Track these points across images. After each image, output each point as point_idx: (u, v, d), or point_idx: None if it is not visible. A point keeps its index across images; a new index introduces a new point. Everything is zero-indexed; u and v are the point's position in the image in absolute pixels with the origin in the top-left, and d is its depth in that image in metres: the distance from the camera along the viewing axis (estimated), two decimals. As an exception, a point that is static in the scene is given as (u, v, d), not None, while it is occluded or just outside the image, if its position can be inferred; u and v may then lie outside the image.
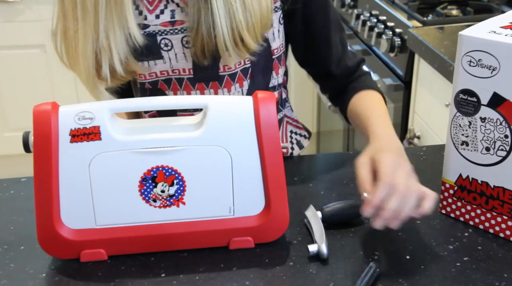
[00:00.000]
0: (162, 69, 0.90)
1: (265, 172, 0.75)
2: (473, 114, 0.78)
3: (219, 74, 0.91)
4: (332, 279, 0.72)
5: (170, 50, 0.88)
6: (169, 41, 0.88)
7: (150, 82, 0.92)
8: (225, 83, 0.92)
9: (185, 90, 0.92)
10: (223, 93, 0.92)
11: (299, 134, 1.11)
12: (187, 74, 0.91)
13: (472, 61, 0.75)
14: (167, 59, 0.89)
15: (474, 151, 0.79)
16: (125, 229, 0.75)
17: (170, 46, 0.88)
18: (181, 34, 0.87)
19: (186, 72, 0.90)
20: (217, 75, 0.91)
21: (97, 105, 0.72)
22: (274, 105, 0.75)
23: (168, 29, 0.87)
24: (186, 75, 0.91)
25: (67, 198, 0.73)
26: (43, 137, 0.71)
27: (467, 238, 0.80)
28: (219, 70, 0.90)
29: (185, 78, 0.91)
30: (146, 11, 0.87)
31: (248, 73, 0.93)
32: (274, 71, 0.97)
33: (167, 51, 0.88)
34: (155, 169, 0.73)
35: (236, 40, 0.84)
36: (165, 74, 0.91)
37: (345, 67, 0.99)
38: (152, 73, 0.91)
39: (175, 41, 0.88)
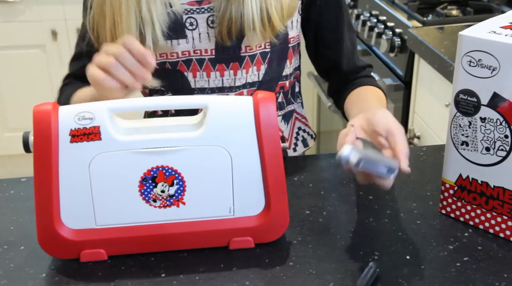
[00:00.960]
0: (184, 50, 0.91)
1: (265, 172, 0.75)
2: (473, 115, 0.78)
3: (240, 55, 0.92)
4: (332, 279, 0.72)
5: (194, 29, 0.89)
6: (195, 20, 0.88)
7: (170, 62, 0.92)
8: (245, 64, 0.93)
9: (205, 71, 0.92)
10: (242, 74, 0.94)
11: (306, 132, 1.11)
12: (209, 55, 0.91)
13: (472, 61, 0.75)
14: (190, 38, 0.90)
15: (474, 151, 0.79)
16: (125, 229, 0.75)
17: (195, 25, 0.89)
18: (207, 13, 0.88)
19: (208, 53, 0.91)
20: (238, 55, 0.92)
21: (97, 105, 0.72)
22: (274, 105, 0.75)
23: (195, 8, 0.88)
24: (208, 56, 0.91)
25: (67, 198, 0.73)
26: (43, 138, 0.71)
27: (467, 238, 0.80)
28: (240, 51, 0.91)
29: (206, 59, 0.91)
30: None
31: (267, 58, 0.94)
32: (288, 60, 0.99)
33: (191, 31, 0.89)
34: (155, 169, 0.73)
35: (264, 20, 0.85)
36: (186, 54, 0.91)
37: (354, 65, 1.01)
38: (174, 53, 0.91)
39: (201, 20, 0.89)
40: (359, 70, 1.02)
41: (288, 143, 1.08)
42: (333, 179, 0.95)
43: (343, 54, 1.00)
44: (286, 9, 0.87)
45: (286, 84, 1.02)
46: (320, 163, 1.05)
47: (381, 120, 0.75)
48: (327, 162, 1.04)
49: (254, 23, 0.85)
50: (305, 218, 0.84)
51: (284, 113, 1.05)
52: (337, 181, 0.94)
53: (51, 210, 0.72)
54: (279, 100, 1.03)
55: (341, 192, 0.91)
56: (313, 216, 0.85)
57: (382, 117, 0.76)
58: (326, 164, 1.04)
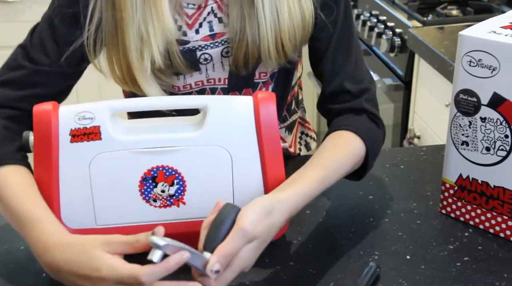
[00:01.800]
0: (197, 80, 0.89)
1: (265, 171, 0.75)
2: (473, 114, 0.78)
3: (254, 81, 0.90)
4: (332, 279, 0.72)
5: (208, 63, 0.87)
6: (209, 55, 0.86)
7: (183, 93, 0.90)
8: (258, 90, 0.91)
9: None
10: None
11: (309, 136, 1.10)
12: (221, 84, 0.89)
13: (472, 61, 0.75)
14: (203, 70, 0.88)
15: (474, 150, 0.79)
16: (125, 229, 0.75)
17: (210, 59, 0.87)
18: (221, 47, 0.86)
19: (221, 82, 0.89)
20: (252, 82, 0.90)
21: (97, 105, 0.72)
22: (274, 105, 0.75)
23: (209, 43, 0.85)
24: (221, 85, 0.89)
25: (67, 198, 0.73)
26: (43, 137, 0.71)
27: (467, 238, 0.80)
28: (254, 77, 0.90)
29: (218, 88, 0.90)
30: (186, 27, 0.85)
31: (274, 77, 0.92)
32: (296, 71, 0.97)
33: (205, 64, 0.87)
34: (155, 169, 0.73)
35: (278, 48, 0.83)
36: (199, 85, 0.89)
37: (340, 85, 0.87)
38: (187, 85, 0.89)
39: (215, 54, 0.86)
40: (347, 95, 0.87)
41: (293, 149, 1.06)
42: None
43: (325, 72, 0.88)
44: (298, 37, 0.84)
45: (290, 99, 1.00)
46: (320, 163, 1.05)
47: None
48: (327, 161, 1.04)
49: (270, 52, 0.83)
50: (305, 218, 0.84)
51: (288, 125, 1.03)
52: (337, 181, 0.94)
53: (52, 209, 0.72)
54: (283, 114, 1.01)
55: (341, 192, 0.91)
56: (313, 216, 0.85)
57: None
58: (326, 164, 1.03)
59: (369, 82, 0.89)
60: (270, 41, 0.82)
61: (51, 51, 0.82)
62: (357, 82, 0.87)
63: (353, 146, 0.80)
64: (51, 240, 0.65)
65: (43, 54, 0.82)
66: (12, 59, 0.83)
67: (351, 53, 0.88)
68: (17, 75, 0.82)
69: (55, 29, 0.82)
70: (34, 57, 0.82)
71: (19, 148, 0.77)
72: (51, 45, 0.82)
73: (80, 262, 0.62)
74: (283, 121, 1.02)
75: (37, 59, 0.82)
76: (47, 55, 0.82)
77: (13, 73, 0.82)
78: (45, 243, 0.65)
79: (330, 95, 0.88)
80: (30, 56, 0.82)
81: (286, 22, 0.81)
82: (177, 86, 0.89)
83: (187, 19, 0.85)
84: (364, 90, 0.87)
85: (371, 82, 0.89)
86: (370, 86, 0.89)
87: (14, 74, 0.82)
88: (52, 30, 0.82)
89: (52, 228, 0.67)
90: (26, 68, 0.81)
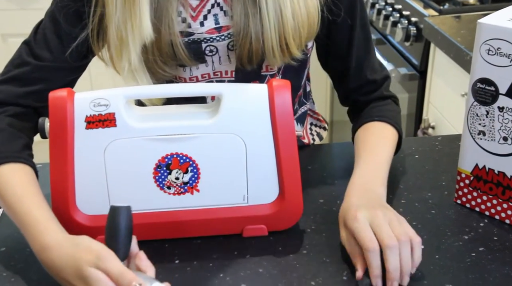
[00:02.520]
0: (203, 73, 0.88)
1: (279, 160, 0.74)
2: (490, 104, 0.77)
3: (261, 74, 0.90)
4: (345, 267, 0.72)
5: (214, 55, 0.86)
6: (215, 47, 0.85)
7: None
8: (266, 82, 0.90)
9: None
10: None
11: (318, 126, 1.10)
12: (228, 76, 0.89)
13: (491, 50, 0.74)
14: (210, 63, 0.87)
15: (491, 140, 0.78)
16: (140, 215, 0.75)
17: (215, 52, 0.86)
18: (227, 40, 0.85)
19: (228, 75, 0.89)
20: (259, 74, 0.89)
21: (112, 92, 0.73)
22: (289, 93, 0.74)
23: (215, 37, 0.84)
24: (228, 78, 0.89)
25: (82, 184, 0.73)
26: (59, 124, 0.72)
27: (483, 228, 0.79)
28: (261, 70, 0.89)
29: (225, 81, 0.89)
30: (190, 19, 0.84)
31: (281, 69, 0.92)
32: (306, 69, 0.97)
33: (211, 56, 0.87)
34: (170, 156, 0.73)
35: (282, 46, 0.82)
36: (206, 77, 0.89)
37: (364, 78, 0.91)
38: (193, 77, 0.88)
39: (221, 47, 0.86)
40: (372, 89, 0.92)
41: (307, 140, 1.06)
42: (347, 168, 0.94)
43: (349, 68, 0.91)
44: (303, 36, 0.83)
45: (300, 91, 1.00)
46: (334, 152, 1.05)
47: (365, 237, 0.69)
48: (341, 151, 1.04)
49: (274, 50, 0.82)
50: (319, 207, 0.84)
51: (298, 117, 1.03)
52: (351, 170, 0.93)
53: (67, 196, 0.73)
54: (295, 107, 1.00)
55: (355, 181, 0.90)
56: (327, 205, 0.85)
57: (364, 233, 0.69)
58: (340, 153, 1.03)
59: (383, 69, 0.95)
60: (274, 40, 0.81)
61: (54, 47, 0.82)
62: (378, 71, 0.93)
63: (393, 136, 0.88)
64: (49, 242, 0.67)
65: (46, 50, 0.82)
66: (17, 56, 0.84)
67: (369, 45, 0.92)
68: (21, 71, 0.82)
69: (58, 25, 0.82)
70: (37, 53, 0.82)
71: (24, 146, 0.78)
72: (55, 41, 0.82)
73: (72, 274, 0.64)
74: (294, 114, 1.01)
75: (41, 55, 0.82)
76: (50, 51, 0.82)
77: (18, 70, 0.82)
78: (44, 243, 0.67)
79: (356, 88, 0.93)
80: (34, 53, 0.82)
81: (290, 21, 0.80)
82: (183, 78, 0.89)
83: (191, 11, 0.84)
84: (385, 78, 0.94)
85: (384, 69, 0.96)
86: (387, 73, 0.96)
87: (19, 71, 0.82)
88: (56, 26, 0.82)
89: (52, 230, 0.68)
90: (30, 64, 0.82)
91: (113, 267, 0.62)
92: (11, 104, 0.81)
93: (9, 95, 0.81)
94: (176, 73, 0.87)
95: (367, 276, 0.69)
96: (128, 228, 0.65)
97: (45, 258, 0.67)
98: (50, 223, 0.69)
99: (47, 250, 0.66)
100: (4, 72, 0.84)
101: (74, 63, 0.83)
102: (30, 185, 0.73)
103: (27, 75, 0.82)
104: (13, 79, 0.82)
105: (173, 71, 0.86)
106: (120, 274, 0.61)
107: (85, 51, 0.83)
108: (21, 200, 0.71)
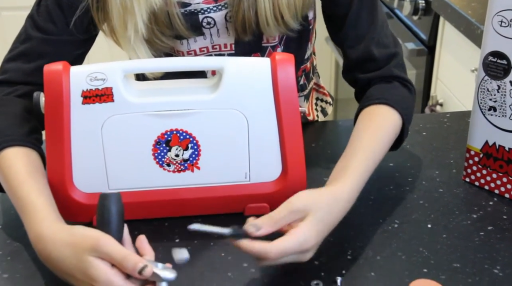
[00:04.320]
0: (201, 46, 0.86)
1: (282, 136, 0.72)
2: (502, 78, 0.74)
3: (262, 45, 0.87)
4: (350, 247, 0.71)
5: (212, 27, 0.84)
6: (212, 19, 0.83)
7: None
8: (267, 54, 0.88)
9: None
10: None
11: (324, 101, 1.08)
12: (228, 49, 0.86)
13: (504, 22, 0.71)
14: (208, 35, 0.85)
15: (502, 116, 0.76)
16: (139, 193, 0.73)
17: (213, 24, 0.84)
18: (224, 10, 0.83)
19: (228, 48, 0.86)
20: (260, 46, 0.87)
21: (109, 66, 0.70)
22: (293, 67, 0.72)
23: (212, 7, 0.82)
24: (228, 51, 0.86)
25: (79, 161, 0.71)
26: (55, 99, 0.69)
27: (492, 207, 0.77)
28: (262, 42, 0.87)
29: (225, 55, 0.87)
30: None
31: (283, 40, 0.89)
32: (310, 43, 0.94)
33: (209, 29, 0.84)
34: (169, 133, 0.71)
35: (277, 17, 0.80)
36: (204, 51, 0.86)
37: (366, 51, 0.84)
38: (191, 51, 0.86)
39: (218, 18, 0.83)
40: (378, 66, 0.84)
41: (312, 116, 1.04)
42: (352, 145, 0.93)
43: (349, 38, 0.84)
44: (299, 6, 0.80)
45: (307, 66, 0.97)
46: (339, 129, 1.03)
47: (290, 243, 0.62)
48: (346, 128, 1.01)
49: (268, 20, 0.80)
50: (322, 185, 0.82)
51: (306, 94, 1.00)
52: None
53: (64, 173, 0.71)
54: (301, 82, 0.97)
55: (360, 159, 0.88)
56: (331, 183, 0.83)
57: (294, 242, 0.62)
58: (345, 130, 1.01)
59: (395, 46, 0.86)
60: (268, 10, 0.79)
61: (58, 19, 0.80)
62: (384, 47, 0.84)
63: (391, 121, 0.78)
64: (45, 232, 0.64)
65: (50, 22, 0.80)
66: (23, 31, 0.82)
67: (374, 15, 0.84)
68: (27, 47, 0.81)
69: None
70: (42, 26, 0.80)
71: (32, 129, 0.75)
72: (57, 12, 0.80)
73: (70, 264, 0.60)
74: (302, 90, 0.99)
75: (46, 28, 0.80)
76: (54, 23, 0.80)
77: (24, 46, 0.81)
78: (39, 233, 0.64)
79: (356, 63, 0.85)
80: (38, 25, 0.80)
81: None
82: (181, 51, 0.86)
83: None
84: (392, 55, 0.84)
85: (397, 46, 0.86)
86: (398, 50, 0.85)
87: (25, 46, 0.81)
88: None
89: (48, 219, 0.65)
90: (35, 38, 0.80)
91: (115, 251, 0.59)
92: (19, 83, 0.80)
93: (18, 74, 0.80)
94: (174, 46, 0.85)
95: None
96: (119, 214, 0.62)
97: (41, 250, 0.64)
98: (47, 212, 0.66)
99: (42, 240, 0.63)
100: (11, 49, 0.82)
101: (79, 36, 0.81)
102: (35, 170, 0.71)
103: (34, 49, 0.80)
104: (20, 55, 0.81)
105: (170, 43, 0.84)
106: (124, 257, 0.59)
107: (87, 23, 0.81)
108: (22, 186, 0.68)
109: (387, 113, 0.79)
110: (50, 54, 0.80)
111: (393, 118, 0.78)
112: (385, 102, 0.79)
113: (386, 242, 0.71)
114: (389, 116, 0.78)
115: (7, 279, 0.67)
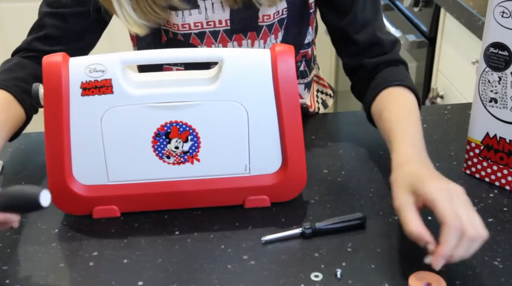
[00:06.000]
0: (196, 21, 0.86)
1: (282, 128, 0.72)
2: (503, 69, 0.73)
3: (258, 24, 0.87)
4: (350, 239, 0.70)
5: (207, 0, 0.85)
6: None
7: (183, 34, 0.88)
8: (262, 34, 0.88)
9: (221, 43, 0.88)
10: (259, 44, 0.89)
11: (325, 93, 1.07)
12: (223, 25, 0.87)
13: (505, 12, 0.71)
14: (203, 8, 0.85)
15: (503, 108, 0.75)
16: (138, 185, 0.73)
17: None
18: None
19: (223, 24, 0.87)
20: (256, 25, 0.87)
21: (108, 57, 0.70)
22: (293, 59, 0.71)
23: None
24: (223, 27, 0.87)
25: (79, 153, 0.71)
26: (54, 90, 0.69)
27: (492, 199, 0.77)
28: (258, 20, 0.87)
29: (221, 31, 0.87)
30: None
31: (283, 24, 0.89)
32: (310, 27, 0.93)
33: (203, 1, 0.85)
34: (169, 124, 0.71)
35: None
36: (199, 26, 0.87)
37: (373, 36, 0.86)
38: (186, 25, 0.87)
39: None
40: (383, 51, 0.87)
41: (313, 108, 1.03)
42: (352, 137, 0.92)
43: (356, 22, 0.86)
44: None
45: (308, 52, 0.96)
46: (339, 122, 1.02)
47: (448, 210, 0.61)
48: (346, 120, 1.01)
49: None
50: (323, 177, 0.82)
51: (307, 82, 1.00)
52: (356, 140, 0.91)
53: (63, 165, 0.71)
54: (301, 69, 0.97)
55: (360, 151, 0.88)
56: (331, 175, 0.83)
57: (446, 205, 0.62)
58: (345, 123, 1.00)
59: (392, 34, 0.91)
60: None
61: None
62: (386, 33, 0.89)
63: (413, 103, 0.82)
64: None
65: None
66: (38, 12, 0.89)
67: (377, 5, 0.88)
68: (38, 22, 0.89)
69: None
70: (51, 2, 0.87)
71: (16, 77, 0.82)
72: None
73: None
74: (303, 77, 0.98)
75: (54, 3, 0.87)
76: None
77: (37, 22, 0.89)
78: None
79: (364, 48, 0.88)
80: (48, 2, 0.88)
81: None
82: (176, 25, 0.87)
83: None
84: (395, 41, 0.89)
85: (392, 34, 0.92)
86: (398, 37, 0.91)
87: (37, 23, 0.89)
88: None
89: None
90: (44, 13, 0.88)
91: None
92: (23, 49, 0.88)
93: (24, 42, 0.88)
94: (168, 18, 0.86)
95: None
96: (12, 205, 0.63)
97: None
98: None
99: None
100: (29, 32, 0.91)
101: (88, 8, 0.86)
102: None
103: (40, 22, 0.88)
104: (32, 31, 0.89)
105: (164, 14, 0.85)
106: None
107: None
108: None
109: (410, 95, 0.83)
110: (55, 27, 0.87)
111: (414, 99, 0.83)
112: (404, 84, 0.83)
113: (386, 234, 0.71)
114: (412, 99, 0.83)
115: (6, 271, 0.67)
